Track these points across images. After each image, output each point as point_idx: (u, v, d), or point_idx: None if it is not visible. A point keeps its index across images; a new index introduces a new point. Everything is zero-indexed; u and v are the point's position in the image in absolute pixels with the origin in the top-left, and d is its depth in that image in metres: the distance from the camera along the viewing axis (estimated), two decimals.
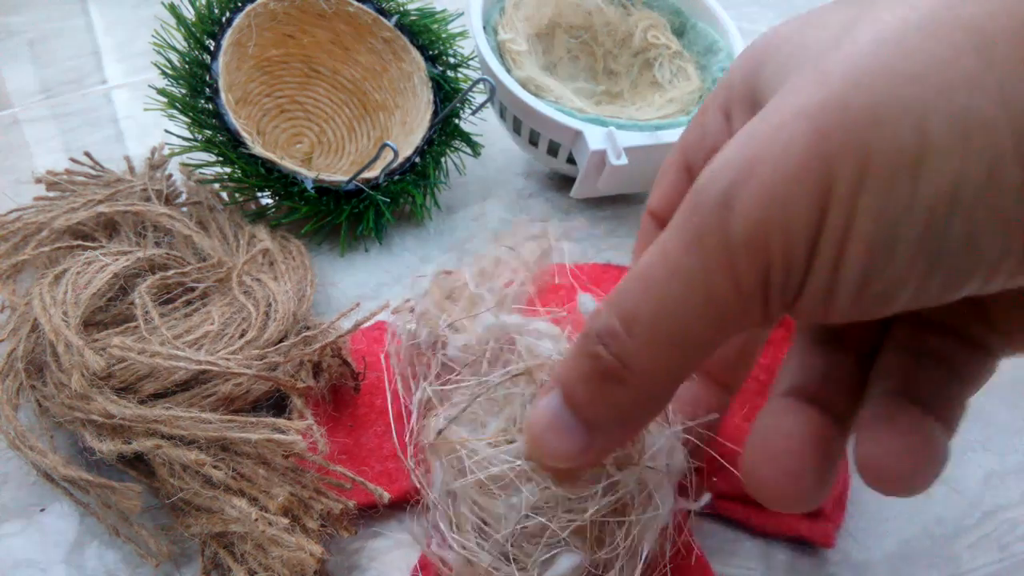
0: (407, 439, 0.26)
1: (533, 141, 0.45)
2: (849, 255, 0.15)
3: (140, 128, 0.54)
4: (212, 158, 0.39)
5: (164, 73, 0.39)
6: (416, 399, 0.26)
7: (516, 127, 0.45)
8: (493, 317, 0.25)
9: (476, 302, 0.26)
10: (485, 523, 0.21)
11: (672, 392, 0.19)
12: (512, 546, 0.21)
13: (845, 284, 0.15)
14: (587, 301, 0.24)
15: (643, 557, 0.22)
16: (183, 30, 0.40)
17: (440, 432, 0.23)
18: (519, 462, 0.21)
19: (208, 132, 0.39)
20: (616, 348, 0.18)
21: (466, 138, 0.46)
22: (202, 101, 0.39)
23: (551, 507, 0.21)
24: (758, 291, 0.16)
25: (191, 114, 0.38)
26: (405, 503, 0.29)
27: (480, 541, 0.21)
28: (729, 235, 0.16)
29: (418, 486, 0.24)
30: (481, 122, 0.48)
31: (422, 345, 0.27)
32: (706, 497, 0.24)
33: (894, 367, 0.20)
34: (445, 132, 0.45)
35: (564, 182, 0.47)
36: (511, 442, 0.22)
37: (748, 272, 0.16)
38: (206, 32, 0.40)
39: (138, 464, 0.28)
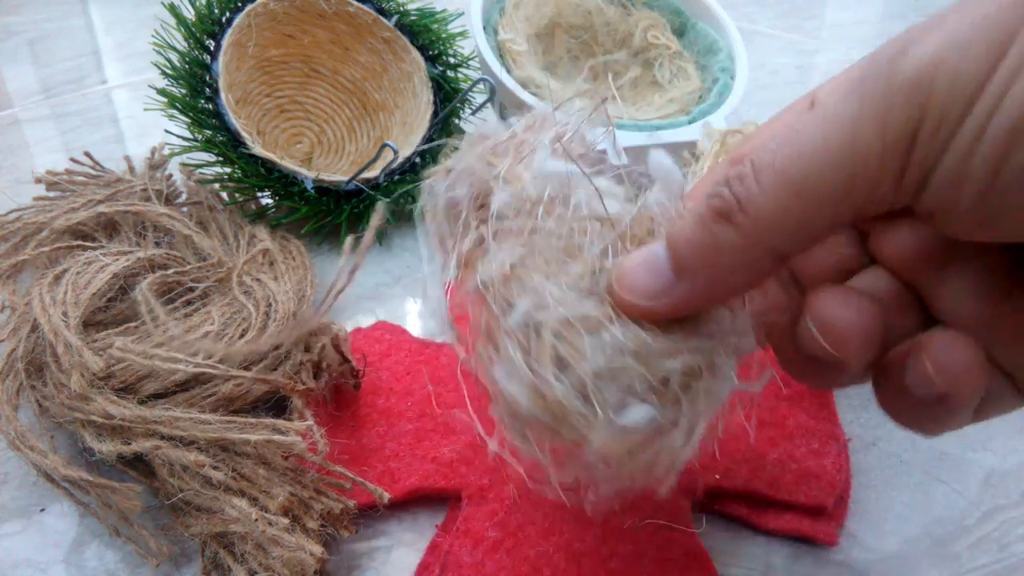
0: (449, 286, 0.24)
1: None
2: (1003, 109, 0.15)
3: (140, 128, 0.54)
4: (212, 158, 0.39)
5: (164, 73, 0.39)
6: (463, 244, 0.24)
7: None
8: (554, 164, 0.23)
9: (525, 151, 0.24)
10: (564, 361, 0.20)
11: (773, 253, 0.18)
12: (592, 384, 0.20)
13: (986, 151, 0.15)
14: (661, 158, 0.22)
15: (702, 424, 0.21)
16: (183, 30, 0.40)
17: (513, 266, 0.21)
18: (605, 308, 0.20)
19: (208, 132, 0.39)
20: (739, 189, 0.17)
21: None
22: (202, 101, 0.39)
23: (633, 354, 0.20)
24: (902, 144, 0.16)
25: (191, 114, 0.38)
26: (405, 503, 0.29)
27: (559, 374, 0.20)
28: (894, 77, 0.15)
29: (490, 314, 0.22)
30: (481, 122, 0.48)
31: (463, 202, 0.24)
32: (768, 374, 0.23)
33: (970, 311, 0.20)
34: (445, 132, 0.45)
35: None
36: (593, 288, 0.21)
37: (900, 119, 0.15)
38: (206, 32, 0.40)
39: (138, 464, 0.28)
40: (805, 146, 0.16)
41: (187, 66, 0.39)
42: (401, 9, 0.45)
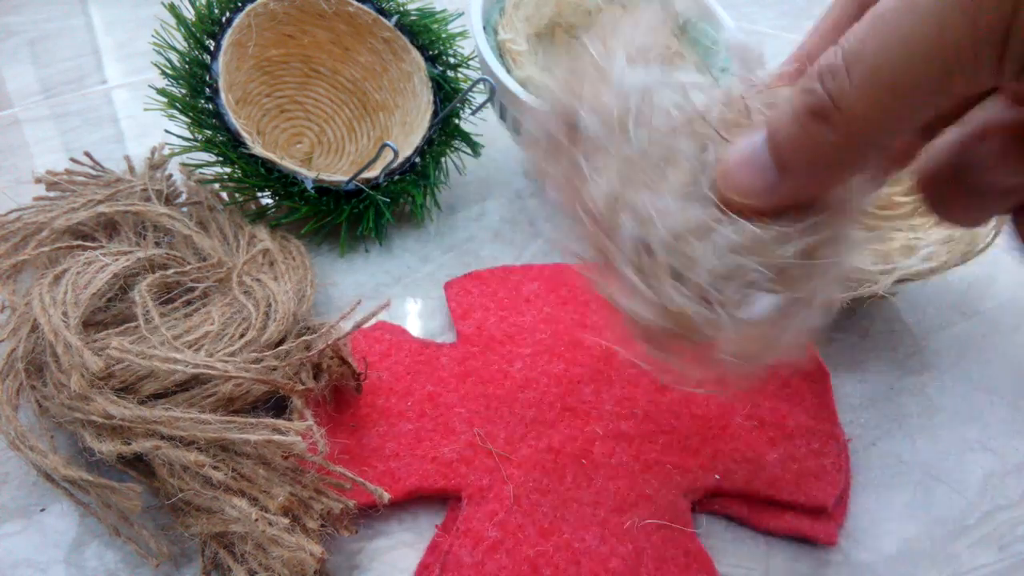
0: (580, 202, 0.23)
1: None
2: None
3: (140, 128, 0.54)
4: (212, 158, 0.39)
5: (164, 73, 0.39)
6: (562, 173, 0.24)
7: (516, 127, 0.45)
8: (631, 73, 0.22)
9: (604, 69, 0.24)
10: (679, 272, 0.21)
11: (873, 146, 0.18)
12: (712, 288, 0.20)
13: None
14: (735, 34, 0.22)
15: (829, 293, 0.21)
16: (183, 30, 0.40)
17: (614, 190, 0.21)
18: (712, 209, 0.20)
19: (208, 132, 0.39)
20: (832, 86, 0.17)
21: (466, 138, 0.46)
22: (202, 101, 0.39)
23: (747, 248, 0.20)
24: (996, 34, 0.15)
25: (191, 114, 0.38)
26: (405, 503, 0.29)
27: (677, 285, 0.20)
28: None
29: (602, 245, 0.22)
30: (481, 122, 0.48)
31: (555, 133, 0.24)
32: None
33: None
34: (445, 132, 0.45)
35: None
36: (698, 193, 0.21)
37: (990, 7, 0.15)
38: (206, 32, 0.40)
39: (138, 464, 0.28)
40: (894, 38, 0.16)
41: (187, 66, 0.39)
42: (401, 9, 0.45)
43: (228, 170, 0.39)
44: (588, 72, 0.24)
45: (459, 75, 0.46)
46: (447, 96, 0.45)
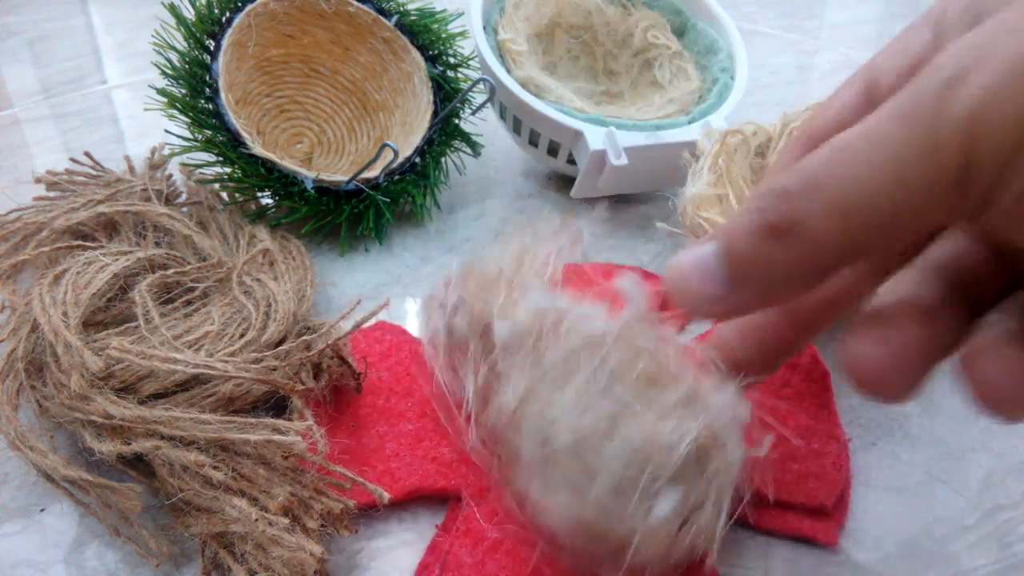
0: (466, 426, 0.26)
1: (533, 141, 0.45)
2: None
3: (140, 128, 0.54)
4: (212, 158, 0.39)
5: (164, 73, 0.39)
6: (472, 384, 0.26)
7: (516, 127, 0.45)
8: (544, 299, 0.25)
9: (516, 288, 0.26)
10: (583, 479, 0.22)
11: (825, 269, 0.18)
12: (615, 492, 0.21)
13: None
14: (628, 280, 0.24)
15: (727, 496, 0.23)
16: (183, 30, 0.40)
17: (521, 401, 0.23)
18: (604, 410, 0.22)
19: (208, 132, 0.39)
20: (789, 207, 0.18)
21: (466, 138, 0.46)
22: (202, 101, 0.39)
23: (643, 455, 0.21)
24: (951, 180, 0.16)
25: (191, 114, 0.38)
26: (405, 503, 0.29)
27: (578, 500, 0.22)
28: (940, 115, 0.16)
29: (496, 466, 0.25)
30: (481, 122, 0.48)
31: (461, 335, 0.27)
32: (768, 440, 0.24)
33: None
34: (445, 132, 0.45)
35: (564, 182, 0.47)
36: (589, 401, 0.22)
37: (949, 158, 0.16)
38: (206, 32, 0.40)
39: (138, 464, 0.28)
40: (855, 168, 0.17)
41: (187, 66, 0.39)
42: (401, 9, 0.45)
43: (228, 170, 0.39)
44: (501, 287, 0.26)
45: (459, 75, 0.46)
46: (447, 96, 0.45)
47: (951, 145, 0.16)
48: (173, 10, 0.40)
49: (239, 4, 0.41)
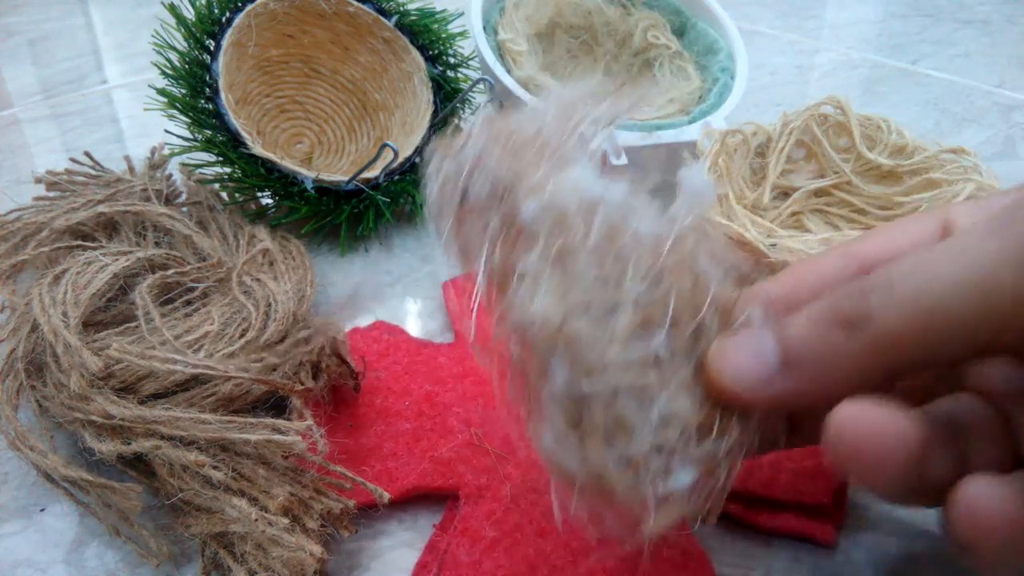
0: (473, 312, 0.22)
1: None
2: None
3: (140, 128, 0.54)
4: (212, 158, 0.39)
5: (164, 73, 0.39)
6: (486, 268, 0.21)
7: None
8: (590, 180, 0.21)
9: (555, 157, 0.21)
10: (611, 434, 0.20)
11: (887, 370, 0.18)
12: (641, 459, 0.19)
13: None
14: (693, 176, 0.21)
15: (737, 467, 0.21)
16: (183, 30, 0.40)
17: (562, 321, 0.19)
18: (647, 370, 0.19)
19: (208, 132, 0.39)
20: (863, 301, 0.17)
21: None
22: (202, 101, 0.39)
23: (678, 428, 0.19)
24: None
25: (191, 114, 0.39)
26: (405, 503, 0.29)
27: (607, 449, 0.19)
28: None
29: (517, 375, 0.21)
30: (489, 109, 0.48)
31: (478, 202, 0.22)
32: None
33: None
34: (445, 132, 0.45)
35: None
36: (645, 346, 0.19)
37: None
38: (206, 32, 0.40)
39: (138, 464, 0.28)
40: (942, 277, 0.17)
41: (187, 66, 0.39)
42: (401, 9, 0.45)
43: (228, 170, 0.39)
44: (535, 151, 0.21)
45: (459, 75, 0.46)
46: (447, 96, 0.45)
47: None
48: (173, 10, 0.40)
49: (239, 4, 0.41)
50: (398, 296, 0.39)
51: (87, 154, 0.43)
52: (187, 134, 0.39)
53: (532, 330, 0.20)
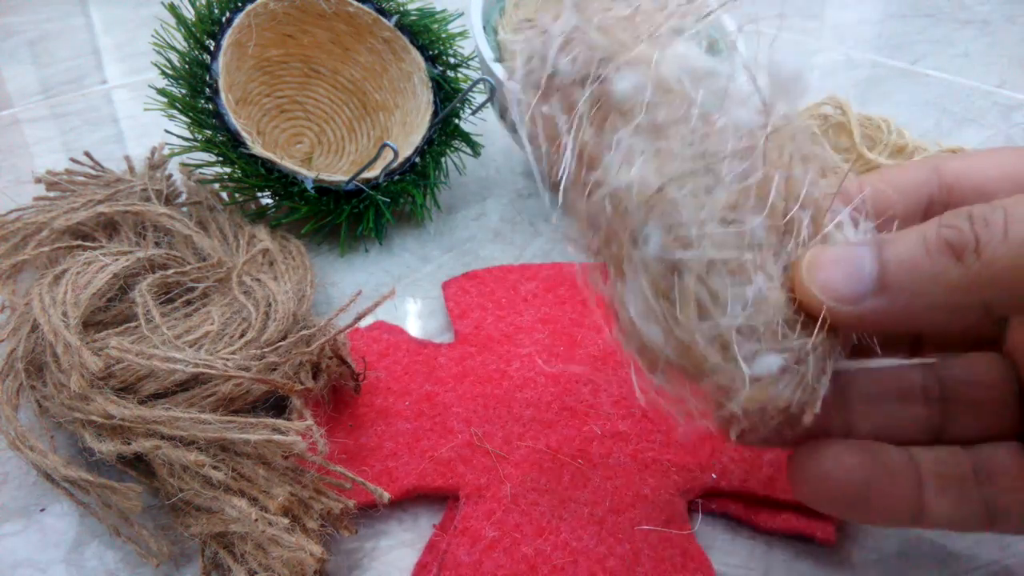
0: (561, 184, 0.21)
1: None
2: None
3: (140, 128, 0.54)
4: (212, 158, 0.39)
5: (164, 73, 0.39)
6: (574, 144, 0.21)
7: (516, 127, 0.45)
8: (695, 55, 0.20)
9: (656, 32, 0.21)
10: (702, 307, 0.19)
11: (982, 305, 0.17)
12: (732, 336, 0.19)
13: None
14: (787, 58, 0.21)
15: (831, 362, 0.21)
16: (183, 30, 0.40)
17: (661, 187, 0.19)
18: (743, 249, 0.19)
19: (208, 132, 0.39)
20: (980, 230, 0.17)
21: (466, 138, 0.46)
22: (202, 101, 0.39)
23: (771, 311, 0.19)
24: None
25: (191, 114, 0.39)
26: (405, 503, 0.29)
27: (699, 321, 0.19)
28: None
29: (621, 232, 0.20)
30: (481, 122, 0.48)
31: (568, 79, 0.21)
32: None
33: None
34: (445, 132, 0.45)
35: None
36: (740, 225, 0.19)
37: None
38: (206, 32, 0.40)
39: (138, 464, 0.28)
40: None
41: (187, 66, 0.39)
42: (401, 9, 0.45)
43: (228, 170, 0.39)
44: (635, 23, 0.21)
45: (459, 75, 0.46)
46: (447, 96, 0.45)
47: None
48: (173, 10, 0.40)
49: (239, 4, 0.41)
50: (398, 296, 0.39)
51: (87, 154, 0.43)
52: (187, 134, 0.39)
53: (629, 193, 0.19)
